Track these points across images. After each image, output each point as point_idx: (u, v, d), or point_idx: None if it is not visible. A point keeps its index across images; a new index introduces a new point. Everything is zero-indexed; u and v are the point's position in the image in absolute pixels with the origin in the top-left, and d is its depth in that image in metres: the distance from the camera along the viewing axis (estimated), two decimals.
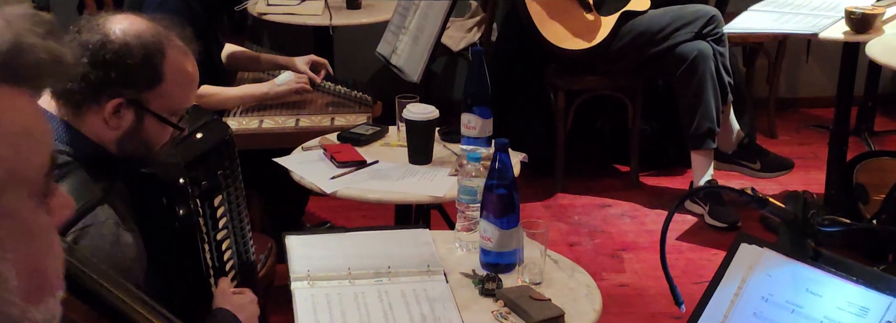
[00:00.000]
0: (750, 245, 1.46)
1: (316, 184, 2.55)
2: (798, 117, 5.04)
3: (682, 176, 4.32)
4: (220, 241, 1.98)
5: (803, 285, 1.37)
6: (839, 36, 3.46)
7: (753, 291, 1.41)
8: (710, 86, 3.87)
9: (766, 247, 1.43)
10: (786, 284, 1.39)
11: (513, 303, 1.97)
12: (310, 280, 2.05)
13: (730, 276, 1.46)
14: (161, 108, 1.76)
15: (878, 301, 1.29)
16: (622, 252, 3.73)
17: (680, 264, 3.61)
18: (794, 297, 1.37)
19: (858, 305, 1.31)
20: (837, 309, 1.32)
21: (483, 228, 2.09)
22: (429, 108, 2.66)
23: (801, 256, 1.40)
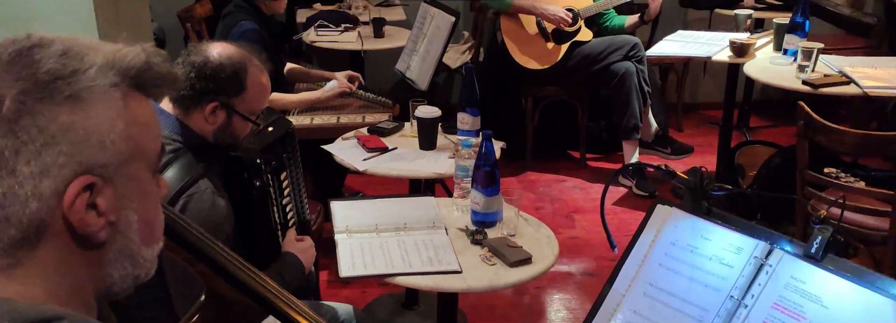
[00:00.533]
0: (663, 206, 1.47)
1: (352, 164, 2.57)
2: (697, 117, 5.07)
3: (616, 159, 4.32)
4: (285, 205, 1.99)
5: (699, 233, 1.39)
6: (725, 59, 3.53)
7: (665, 238, 1.43)
8: (635, 94, 3.90)
9: (675, 207, 1.45)
10: (687, 232, 1.41)
11: (495, 249, 1.99)
12: (348, 233, 2.07)
13: (649, 228, 1.47)
14: (244, 109, 1.79)
15: (749, 243, 1.31)
16: (573, 214, 3.76)
17: (614, 222, 3.63)
18: (693, 241, 1.39)
19: (736, 246, 1.33)
20: (721, 249, 1.34)
21: (473, 195, 2.11)
22: (434, 109, 2.68)
23: (698, 213, 1.41)
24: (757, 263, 1.29)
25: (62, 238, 0.71)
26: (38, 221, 0.69)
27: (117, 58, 0.73)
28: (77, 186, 0.69)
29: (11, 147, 0.67)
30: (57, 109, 0.68)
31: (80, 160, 0.69)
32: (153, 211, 0.80)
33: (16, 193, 0.68)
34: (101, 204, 0.71)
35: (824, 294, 1.19)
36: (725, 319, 1.29)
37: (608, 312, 1.47)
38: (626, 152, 4.02)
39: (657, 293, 1.41)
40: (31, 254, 0.70)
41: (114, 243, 0.75)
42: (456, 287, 1.89)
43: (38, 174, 0.68)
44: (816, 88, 2.97)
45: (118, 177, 0.73)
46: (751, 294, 1.28)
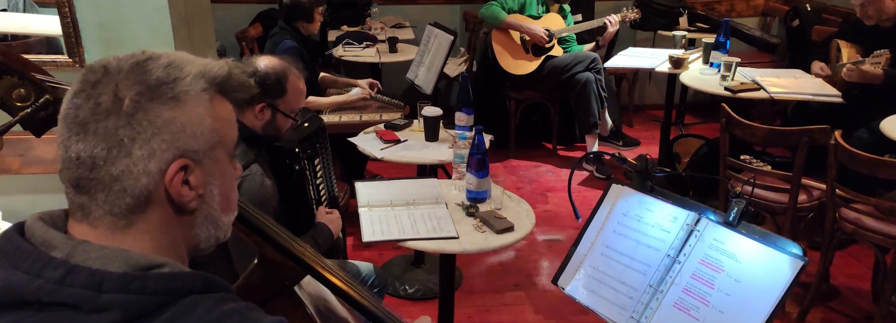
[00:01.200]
0: (617, 185, 1.49)
1: (372, 152, 2.57)
2: (644, 115, 5.05)
3: (580, 149, 4.33)
4: (319, 184, 2.00)
5: (644, 206, 1.41)
6: (665, 70, 3.52)
7: (618, 210, 1.45)
8: (594, 98, 3.90)
9: (626, 186, 1.47)
10: (635, 206, 1.43)
11: (484, 220, 2.00)
12: (369, 207, 2.08)
13: (605, 202, 1.49)
14: (285, 108, 1.79)
15: (682, 214, 1.33)
16: (547, 192, 3.77)
17: (578, 199, 3.64)
18: (639, 212, 1.41)
19: (672, 216, 1.35)
20: (661, 218, 1.36)
21: (467, 177, 2.12)
22: (437, 109, 2.68)
23: (644, 190, 1.43)
24: (688, 229, 1.31)
25: (163, 206, 0.73)
26: (146, 192, 0.72)
27: (207, 69, 0.76)
28: (176, 167, 0.72)
29: (129, 135, 0.70)
30: (162, 108, 0.71)
31: (178, 146, 0.72)
32: (230, 187, 0.82)
33: (131, 171, 0.70)
34: (192, 181, 0.74)
35: (738, 252, 1.22)
36: (664, 272, 1.31)
37: (574, 268, 1.49)
38: (588, 144, 4.03)
39: (612, 253, 1.43)
40: (141, 217, 0.73)
41: (201, 211, 0.77)
42: (454, 249, 1.90)
43: (147, 157, 0.70)
44: (735, 93, 2.99)
45: (205, 160, 0.75)
46: (683, 253, 1.30)
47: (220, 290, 0.74)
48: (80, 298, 0.66)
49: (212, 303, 0.71)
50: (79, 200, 0.72)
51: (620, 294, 1.37)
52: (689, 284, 1.26)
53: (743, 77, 3.17)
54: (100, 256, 0.69)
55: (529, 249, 3.16)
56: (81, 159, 0.70)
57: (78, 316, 0.66)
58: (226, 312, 0.70)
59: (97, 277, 0.67)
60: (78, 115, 0.70)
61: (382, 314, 1.13)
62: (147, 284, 0.68)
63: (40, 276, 0.67)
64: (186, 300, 0.69)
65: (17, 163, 2.17)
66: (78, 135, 0.70)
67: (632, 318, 1.32)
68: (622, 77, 4.82)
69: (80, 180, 0.71)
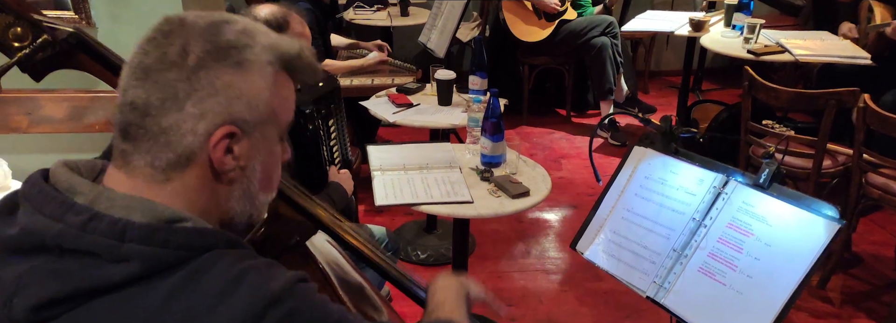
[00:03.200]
0: (639, 147, 1.44)
1: (384, 116, 2.52)
2: (660, 82, 4.95)
3: (595, 116, 4.25)
4: (332, 146, 1.96)
5: (668, 168, 1.36)
6: (685, 33, 3.42)
7: (640, 173, 1.41)
8: (610, 63, 3.82)
9: (649, 147, 1.42)
10: (659, 168, 1.38)
11: (499, 184, 1.96)
12: (381, 171, 2.04)
13: (627, 165, 1.45)
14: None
15: (709, 176, 1.29)
16: (560, 159, 3.72)
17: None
18: (663, 174, 1.36)
19: (698, 178, 1.30)
20: (686, 181, 1.32)
21: (482, 141, 2.07)
22: (450, 72, 2.61)
23: (668, 152, 1.39)
24: (715, 192, 1.26)
25: (203, 169, 0.72)
26: (189, 152, 0.71)
27: (278, 43, 0.75)
28: (223, 132, 0.71)
29: (186, 90, 0.69)
30: (225, 70, 0.71)
31: (230, 112, 0.71)
32: (274, 167, 0.81)
33: (179, 127, 0.70)
34: (236, 150, 0.72)
35: (769, 215, 1.17)
36: (688, 236, 1.27)
37: (593, 232, 1.45)
38: (603, 110, 3.96)
39: (633, 217, 1.39)
40: (179, 175, 0.72)
41: (240, 184, 0.76)
42: (468, 214, 1.87)
43: (198, 116, 0.70)
44: (758, 56, 2.90)
45: (254, 133, 0.74)
46: (710, 216, 1.25)
47: (240, 247, 0.73)
48: (102, 247, 0.65)
49: (232, 259, 0.69)
50: (123, 147, 0.72)
51: (642, 259, 1.33)
52: (716, 249, 1.21)
53: (766, 39, 3.07)
54: (123, 205, 0.68)
55: (543, 216, 3.13)
56: (135, 105, 0.70)
57: (98, 265, 0.65)
58: (245, 268, 0.69)
59: (119, 225, 0.66)
60: (143, 61, 0.70)
61: (397, 274, 1.10)
62: (170, 236, 0.67)
63: (63, 220, 0.66)
64: (207, 256, 0.69)
65: (25, 121, 2.15)
66: (138, 80, 0.70)
67: (654, 282, 1.28)
68: (639, 42, 4.71)
69: (130, 127, 0.71)
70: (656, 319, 2.40)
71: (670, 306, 1.24)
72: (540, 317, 2.42)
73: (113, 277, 0.65)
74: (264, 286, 0.67)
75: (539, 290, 2.57)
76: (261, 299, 0.66)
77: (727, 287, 1.16)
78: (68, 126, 2.16)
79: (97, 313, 0.64)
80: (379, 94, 2.75)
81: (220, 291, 0.66)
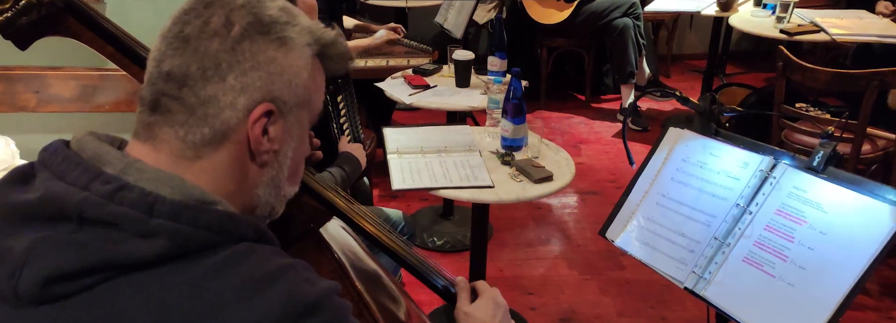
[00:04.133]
0: (675, 128, 1.35)
1: (400, 98, 2.44)
2: (683, 65, 4.82)
3: (614, 101, 4.14)
4: (343, 123, 1.89)
5: (708, 151, 1.27)
6: (712, 12, 3.29)
7: (677, 156, 1.31)
8: (631, 45, 3.70)
9: (686, 129, 1.32)
10: (697, 150, 1.29)
11: (521, 168, 1.88)
12: (398, 154, 1.96)
13: (661, 148, 1.35)
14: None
15: (755, 158, 1.19)
16: (580, 144, 3.61)
17: (614, 151, 3.49)
18: (702, 158, 1.27)
19: (742, 161, 1.21)
20: (729, 164, 1.23)
21: (503, 124, 1.98)
22: (468, 52, 2.52)
23: (708, 133, 1.29)
24: (761, 176, 1.17)
25: (238, 149, 0.68)
26: (226, 127, 0.66)
27: (316, 27, 0.73)
28: (263, 109, 0.67)
29: (228, 61, 0.66)
30: (268, 45, 0.68)
31: (271, 89, 0.67)
32: (302, 157, 0.76)
33: (219, 99, 0.66)
34: (271, 132, 0.68)
35: (824, 201, 1.07)
36: (731, 223, 1.18)
37: (624, 219, 1.36)
38: (624, 95, 3.84)
39: (669, 203, 1.30)
40: (211, 153, 0.67)
41: (270, 169, 0.71)
42: (489, 199, 1.79)
43: (239, 90, 0.66)
44: (792, 36, 2.77)
45: (290, 115, 0.70)
46: (755, 202, 1.16)
47: (272, 243, 0.68)
48: (128, 219, 0.60)
49: (267, 254, 0.64)
50: (150, 119, 0.67)
51: (679, 247, 1.24)
52: (763, 237, 1.12)
53: (800, 19, 2.94)
54: (154, 178, 0.63)
55: (562, 203, 3.03)
56: (172, 74, 0.65)
57: (122, 238, 0.59)
58: (282, 266, 0.63)
59: (150, 198, 0.61)
60: (183, 30, 0.66)
61: (414, 260, 1.02)
62: (201, 216, 0.62)
63: (88, 188, 0.61)
64: (240, 246, 0.63)
65: (32, 100, 2.10)
66: (176, 49, 0.66)
67: (693, 273, 1.19)
68: (660, 24, 4.58)
69: (162, 97, 0.66)
70: (681, 309, 2.31)
71: (711, 298, 1.15)
72: (561, 306, 2.34)
73: (138, 254, 0.59)
74: (302, 290, 0.62)
75: (560, 278, 2.49)
76: (297, 303, 0.61)
77: (777, 279, 1.07)
78: (77, 105, 2.10)
79: (120, 293, 0.58)
80: (394, 75, 2.66)
81: (254, 285, 0.60)
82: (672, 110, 3.98)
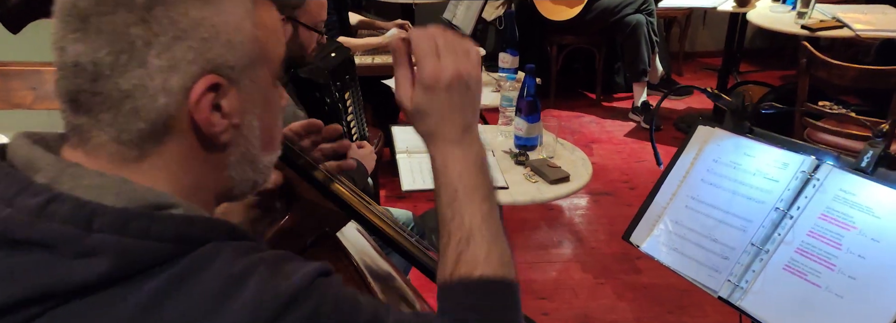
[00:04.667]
0: (704, 127, 1.26)
1: None
2: (695, 64, 4.74)
3: (625, 100, 4.05)
4: (350, 120, 1.82)
5: (742, 151, 1.18)
6: (729, 8, 3.21)
7: (707, 156, 1.23)
8: (644, 42, 3.61)
9: (717, 127, 1.24)
10: (729, 150, 1.20)
11: (536, 169, 1.81)
12: (408, 153, 1.90)
13: (690, 147, 1.27)
14: (308, 20, 1.57)
15: (795, 159, 1.11)
16: (591, 144, 3.53)
17: (627, 151, 3.41)
18: (735, 158, 1.19)
19: (781, 162, 1.12)
20: (765, 164, 1.14)
21: (516, 122, 1.91)
22: (479, 48, 2.44)
23: (740, 132, 1.21)
24: (803, 178, 1.08)
25: (187, 136, 0.58)
26: (166, 116, 0.56)
27: None
28: (203, 84, 0.56)
29: (143, 37, 0.54)
30: (188, 3, 0.55)
31: (209, 58, 0.56)
32: (274, 119, 0.65)
33: (146, 86, 0.55)
34: (225, 106, 0.58)
35: (876, 205, 0.98)
36: (770, 228, 1.09)
37: (650, 222, 1.28)
38: (636, 93, 3.76)
39: (699, 206, 1.21)
40: (157, 149, 0.57)
41: (236, 147, 0.61)
42: (503, 200, 1.71)
43: (168, 69, 0.55)
44: (814, 31, 2.68)
45: (243, 80, 0.59)
46: (797, 206, 1.07)
47: (243, 239, 0.58)
48: (61, 237, 0.51)
49: (234, 252, 0.54)
50: (77, 121, 0.57)
51: (712, 254, 1.15)
52: (806, 244, 1.03)
53: (821, 14, 2.85)
54: (94, 185, 0.54)
55: (574, 205, 2.95)
56: (80, 66, 0.54)
57: (57, 261, 0.50)
58: (250, 263, 0.54)
59: (86, 210, 0.52)
60: (77, 4, 0.54)
61: (430, 261, 0.95)
62: (152, 225, 0.53)
63: (12, 204, 0.52)
64: (204, 249, 0.53)
65: (29, 97, 2.04)
66: (76, 32, 0.54)
67: (728, 281, 1.11)
68: (673, 21, 4.49)
69: (80, 95, 0.55)
70: (701, 314, 2.23)
71: (749, 309, 1.07)
72: (575, 311, 2.26)
73: (76, 278, 0.50)
74: (275, 285, 0.54)
75: (573, 282, 2.41)
76: (272, 300, 0.53)
77: (823, 289, 0.99)
78: None
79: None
80: None
81: (219, 292, 0.52)
82: (685, 109, 3.90)
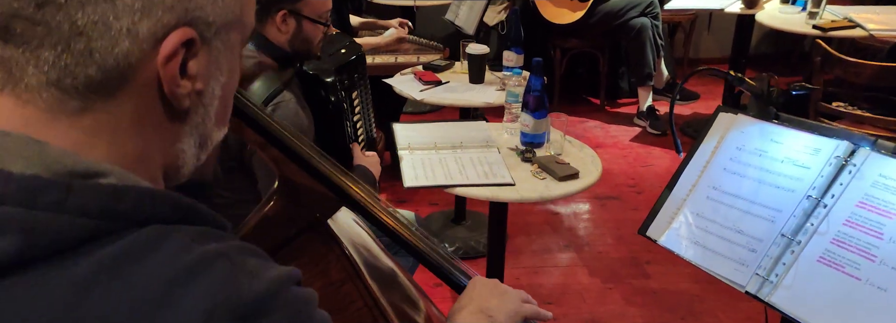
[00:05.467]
0: (726, 113, 1.19)
1: (410, 94, 2.30)
2: None
3: (630, 105, 3.98)
4: (356, 121, 1.75)
5: (768, 137, 1.12)
6: (736, 10, 3.15)
7: (729, 144, 1.16)
8: (649, 46, 3.56)
9: (740, 113, 1.17)
10: (754, 137, 1.13)
11: (544, 165, 1.73)
12: (410, 150, 1.82)
13: (711, 135, 1.20)
14: (311, 13, 1.51)
15: (828, 144, 1.04)
16: (596, 148, 3.39)
17: (632, 155, 3.34)
18: (761, 145, 1.12)
19: (812, 148, 1.05)
20: (795, 151, 1.07)
21: (522, 118, 1.84)
22: (483, 46, 2.38)
23: (766, 118, 1.14)
24: (837, 164, 1.01)
25: (144, 94, 0.48)
26: (125, 65, 0.46)
27: None
28: (179, 37, 0.47)
29: None
30: None
31: (188, 8, 0.48)
32: (232, 92, 0.56)
33: (108, 24, 0.45)
34: (192, 67, 0.49)
35: None
36: (801, 218, 1.02)
37: (668, 215, 1.20)
38: (641, 97, 3.69)
39: (722, 196, 1.14)
40: (105, 103, 0.47)
41: (194, 116, 0.52)
42: (510, 198, 1.64)
43: (140, 10, 0.46)
44: (826, 31, 2.62)
45: (216, 41, 0.51)
46: (831, 194, 1.00)
47: (202, 222, 0.47)
48: None
49: (185, 239, 0.44)
50: (4, 54, 0.45)
51: (738, 246, 1.08)
52: (843, 233, 0.96)
53: (833, 15, 2.79)
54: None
55: (580, 208, 2.88)
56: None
57: None
58: (207, 255, 0.44)
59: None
60: None
61: (438, 257, 0.87)
62: (69, 197, 0.42)
63: None
64: (145, 232, 0.43)
65: None
66: None
67: (757, 275, 1.04)
68: (677, 26, 4.44)
69: (14, 21, 0.44)
70: (714, 321, 2.14)
71: (780, 305, 0.99)
72: (583, 316, 2.18)
73: None
74: (237, 287, 0.43)
75: (580, 287, 2.33)
76: (229, 306, 0.42)
77: (863, 282, 0.91)
78: None
79: None
80: (404, 71, 2.53)
81: (159, 289, 0.41)
82: (691, 115, 3.84)
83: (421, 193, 2.96)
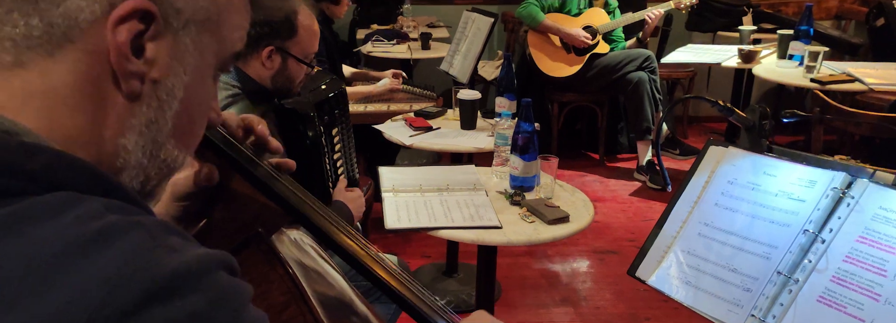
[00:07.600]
0: (717, 146, 1.15)
1: (400, 139, 2.27)
2: (700, 128, 4.69)
3: (629, 160, 3.95)
4: (336, 159, 1.69)
5: (761, 170, 1.06)
6: (734, 65, 3.18)
7: (721, 178, 1.10)
8: (647, 99, 3.56)
9: (731, 146, 1.12)
10: (747, 170, 1.08)
11: (533, 208, 1.67)
12: (394, 192, 1.77)
13: (701, 170, 1.14)
14: (299, 52, 1.50)
15: (825, 176, 0.98)
16: (595, 202, 3.33)
17: (631, 210, 3.27)
18: (754, 178, 1.06)
19: (807, 180, 1.00)
20: (789, 184, 1.01)
21: (512, 161, 1.80)
22: (474, 92, 2.38)
23: (759, 150, 1.09)
24: (835, 196, 0.95)
25: (89, 61, 0.44)
26: (70, 20, 0.43)
27: None
28: (132, 5, 0.44)
29: None
30: None
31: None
32: (200, 108, 0.52)
33: None
34: (150, 50, 0.46)
35: None
36: (798, 254, 0.95)
37: (658, 254, 1.14)
38: (640, 152, 3.67)
39: (714, 233, 1.08)
40: (42, 62, 0.43)
41: (147, 109, 0.47)
42: (497, 241, 1.57)
43: None
44: (825, 85, 2.61)
45: (184, 35, 0.48)
46: (829, 228, 0.94)
47: (122, 199, 0.42)
48: None
49: (99, 207, 0.39)
50: None
51: (732, 286, 1.01)
52: (843, 271, 0.89)
53: (831, 70, 2.80)
54: None
55: (577, 262, 2.79)
56: None
57: None
58: (121, 223, 0.39)
59: None
60: None
61: (419, 301, 0.79)
62: None
63: None
64: (55, 195, 0.39)
65: None
66: None
67: (752, 316, 0.96)
68: (676, 83, 4.47)
69: None
70: None
71: None
72: None
73: None
74: (152, 259, 0.38)
75: None
76: (140, 279, 0.36)
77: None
78: None
79: None
80: (395, 117, 2.51)
81: (63, 250, 0.36)
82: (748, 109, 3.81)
83: (413, 244, 2.88)
